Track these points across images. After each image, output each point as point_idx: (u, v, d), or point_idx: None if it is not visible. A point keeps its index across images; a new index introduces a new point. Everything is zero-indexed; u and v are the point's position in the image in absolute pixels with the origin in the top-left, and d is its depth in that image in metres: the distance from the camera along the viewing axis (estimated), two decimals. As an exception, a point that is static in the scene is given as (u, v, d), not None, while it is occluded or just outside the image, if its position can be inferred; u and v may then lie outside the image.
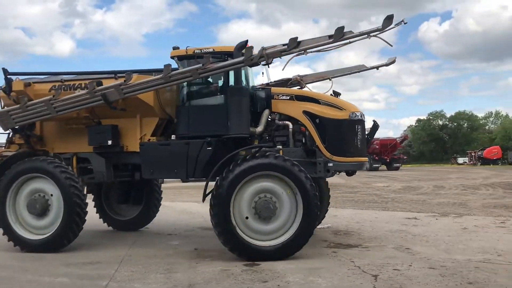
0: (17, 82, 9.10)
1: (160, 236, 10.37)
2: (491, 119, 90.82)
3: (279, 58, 8.12)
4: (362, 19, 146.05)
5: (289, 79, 10.50)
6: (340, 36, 7.75)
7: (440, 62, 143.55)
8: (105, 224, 11.43)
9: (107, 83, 8.54)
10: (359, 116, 8.69)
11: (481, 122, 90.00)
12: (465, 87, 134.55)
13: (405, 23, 7.86)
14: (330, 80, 10.41)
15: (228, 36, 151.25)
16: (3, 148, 10.02)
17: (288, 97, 8.88)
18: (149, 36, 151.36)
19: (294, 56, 8.24)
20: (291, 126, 8.70)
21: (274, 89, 9.10)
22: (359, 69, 10.79)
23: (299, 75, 10.66)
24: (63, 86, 8.99)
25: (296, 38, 7.74)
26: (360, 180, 29.42)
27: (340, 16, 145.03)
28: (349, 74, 11.05)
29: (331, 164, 8.38)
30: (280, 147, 8.43)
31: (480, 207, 14.63)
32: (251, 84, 9.20)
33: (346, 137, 8.58)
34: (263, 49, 7.82)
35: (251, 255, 7.55)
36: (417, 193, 20.51)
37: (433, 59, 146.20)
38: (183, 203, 16.92)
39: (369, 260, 7.38)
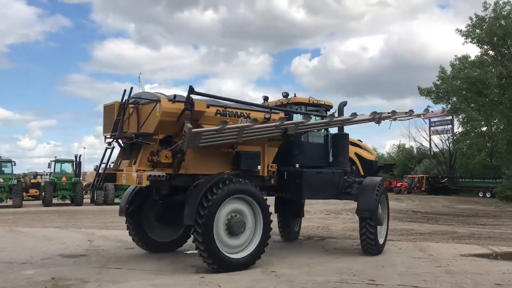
0: (201, 103, 9.00)
1: (12, 265, 9.32)
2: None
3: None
4: (241, 49, 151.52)
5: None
6: (411, 114, 13.15)
7: (310, 94, 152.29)
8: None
9: (257, 115, 9.74)
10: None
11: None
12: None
13: (432, 111, 16.71)
14: None
15: (104, 54, 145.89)
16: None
17: None
18: (14, 47, 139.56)
19: (391, 121, 12.69)
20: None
21: None
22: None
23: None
24: (228, 112, 9.46)
25: (395, 110, 12.33)
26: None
27: (219, 44, 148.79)
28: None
29: None
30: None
31: (340, 231, 15.71)
32: None
33: (374, 171, 13.00)
34: (380, 113, 11.95)
35: None
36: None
37: (304, 92, 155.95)
38: (43, 229, 15.55)
39: (235, 285, 7.46)
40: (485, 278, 8.23)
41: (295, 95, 11.59)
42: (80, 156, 32.15)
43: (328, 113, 11.65)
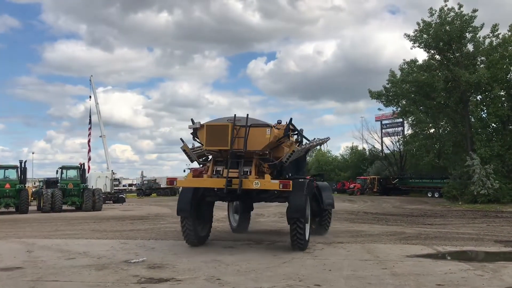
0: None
1: None
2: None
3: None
4: (196, 51, 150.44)
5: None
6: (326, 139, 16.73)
7: (266, 98, 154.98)
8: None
9: (292, 138, 13.49)
10: None
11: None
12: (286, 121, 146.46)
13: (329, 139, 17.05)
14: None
15: (55, 56, 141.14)
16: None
17: None
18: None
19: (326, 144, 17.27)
20: None
21: None
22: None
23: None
24: None
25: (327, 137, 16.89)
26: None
27: (174, 47, 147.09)
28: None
29: None
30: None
31: (291, 234, 15.63)
32: None
33: None
34: (327, 139, 16.72)
35: None
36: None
37: (260, 95, 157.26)
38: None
39: (177, 294, 7.18)
40: (427, 279, 8.34)
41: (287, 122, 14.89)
42: (25, 161, 30.62)
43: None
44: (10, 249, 12.61)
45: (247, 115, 12.00)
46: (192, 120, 12.80)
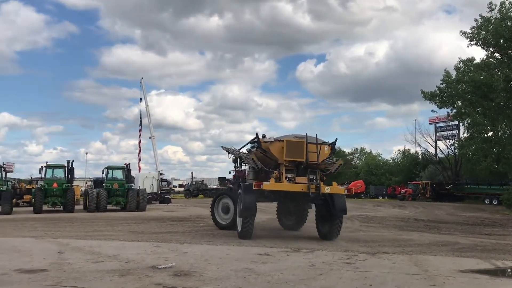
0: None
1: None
2: (357, 154, 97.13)
3: None
4: (246, 54, 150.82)
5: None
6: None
7: (315, 100, 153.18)
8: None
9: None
10: None
11: (347, 157, 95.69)
12: (336, 124, 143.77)
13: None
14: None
15: (111, 60, 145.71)
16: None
17: None
18: (23, 54, 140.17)
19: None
20: None
21: None
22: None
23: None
24: None
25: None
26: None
27: (225, 50, 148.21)
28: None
29: None
30: None
31: (333, 241, 14.66)
32: None
33: None
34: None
35: None
36: (277, 226, 20.32)
37: (309, 97, 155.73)
38: (16, 239, 14.65)
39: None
40: (484, 301, 7.23)
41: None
42: (72, 161, 31.23)
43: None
44: (43, 249, 12.42)
45: (316, 135, 14.84)
46: (257, 134, 15.05)
